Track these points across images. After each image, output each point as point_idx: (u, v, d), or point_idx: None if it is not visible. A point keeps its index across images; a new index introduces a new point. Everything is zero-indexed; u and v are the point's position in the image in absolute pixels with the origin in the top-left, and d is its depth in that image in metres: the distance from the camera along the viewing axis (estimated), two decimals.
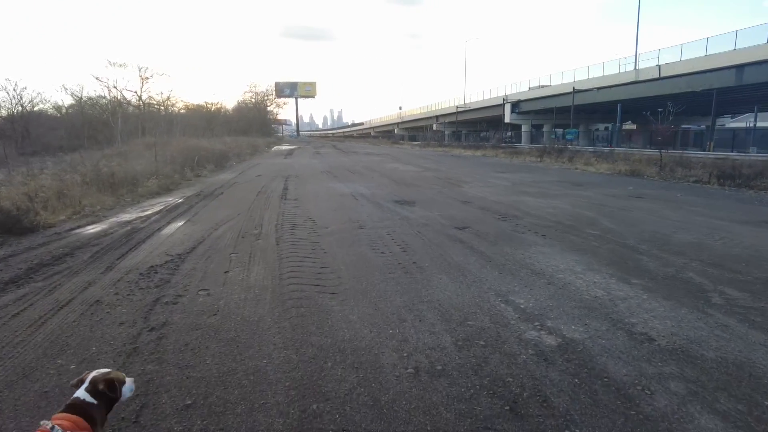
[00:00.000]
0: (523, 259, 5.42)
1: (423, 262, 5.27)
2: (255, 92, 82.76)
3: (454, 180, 14.71)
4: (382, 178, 15.27)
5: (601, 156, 24.88)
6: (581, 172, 17.99)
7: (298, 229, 7.18)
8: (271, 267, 5.18)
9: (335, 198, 10.73)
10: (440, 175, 16.60)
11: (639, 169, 16.49)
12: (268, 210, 9.12)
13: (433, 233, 6.82)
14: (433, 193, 11.56)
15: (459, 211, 8.83)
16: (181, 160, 16.75)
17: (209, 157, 20.22)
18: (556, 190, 12.17)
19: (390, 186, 13.07)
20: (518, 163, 23.86)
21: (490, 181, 14.48)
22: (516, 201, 10.06)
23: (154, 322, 3.72)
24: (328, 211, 8.85)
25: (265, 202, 10.22)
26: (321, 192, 11.85)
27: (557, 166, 21.09)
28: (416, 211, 8.75)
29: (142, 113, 42.27)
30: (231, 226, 7.59)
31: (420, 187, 12.68)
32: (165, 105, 44.51)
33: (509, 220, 7.88)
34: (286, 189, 12.52)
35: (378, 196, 10.98)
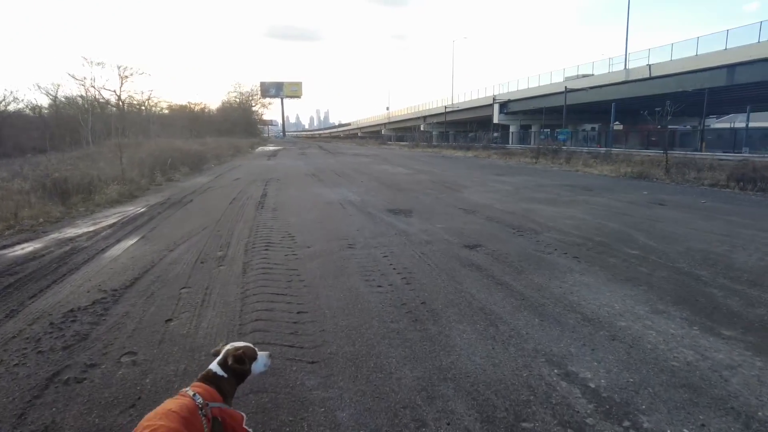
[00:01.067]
0: (563, 294, 4.17)
1: (434, 302, 3.98)
2: (240, 92, 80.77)
3: (451, 184, 13.47)
4: (372, 182, 13.97)
5: (597, 157, 23.87)
6: (584, 175, 16.88)
7: (274, 250, 5.84)
8: (230, 312, 3.85)
9: (320, 206, 9.39)
10: (435, 178, 15.35)
11: (645, 171, 15.43)
12: (241, 222, 7.76)
13: (440, 255, 5.53)
14: (430, 199, 10.28)
15: (464, 222, 7.56)
16: (151, 163, 15.24)
17: (185, 160, 18.71)
18: (565, 195, 10.98)
19: (381, 191, 11.77)
20: (514, 165, 22.74)
21: (491, 185, 13.26)
22: (527, 210, 8.83)
23: (29, 428, 2.37)
24: (312, 224, 7.51)
25: (239, 211, 8.84)
26: (304, 199, 10.50)
27: (556, 168, 19.99)
28: (415, 224, 7.46)
29: (121, 113, 40.40)
30: (192, 245, 6.23)
31: (415, 193, 11.40)
32: (146, 105, 42.71)
33: (527, 235, 6.63)
34: (264, 195, 11.14)
35: (369, 204, 9.68)
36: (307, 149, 45.17)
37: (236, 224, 7.60)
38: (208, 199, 10.71)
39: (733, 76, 32.67)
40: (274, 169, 19.88)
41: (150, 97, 40.25)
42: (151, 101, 40.99)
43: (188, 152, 19.88)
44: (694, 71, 34.96)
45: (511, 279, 4.60)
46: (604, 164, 19.76)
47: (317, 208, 9.22)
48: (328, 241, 6.32)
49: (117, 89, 37.86)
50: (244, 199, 10.46)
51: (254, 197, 10.82)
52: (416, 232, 6.85)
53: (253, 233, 6.86)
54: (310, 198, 10.64)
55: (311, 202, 9.95)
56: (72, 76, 51.87)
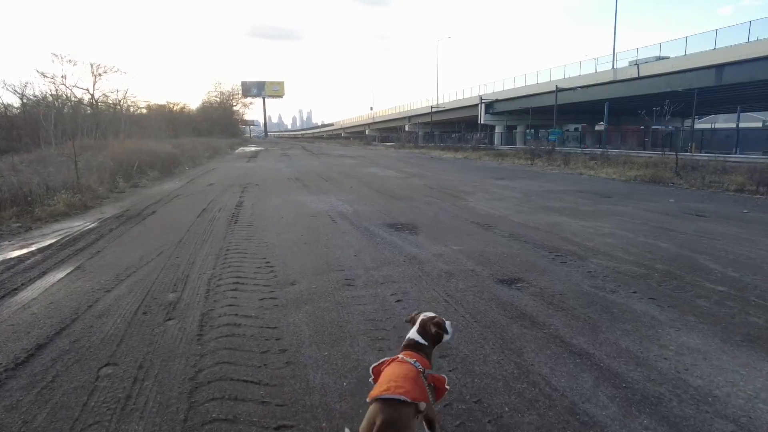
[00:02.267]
0: (676, 373, 2.78)
1: (493, 398, 2.54)
2: (220, 91, 78.24)
3: (451, 190, 12.09)
4: (362, 188, 12.51)
5: (595, 158, 22.82)
6: (589, 178, 15.68)
7: (245, 289, 4.35)
8: (166, 427, 2.35)
9: (305, 220, 7.90)
10: (430, 182, 13.96)
11: (658, 174, 14.28)
12: (208, 244, 6.22)
13: (472, 297, 4.11)
14: (433, 210, 8.87)
15: (485, 243, 6.15)
16: (114, 167, 13.52)
17: (154, 163, 16.97)
18: (584, 204, 9.69)
19: (375, 199, 10.31)
20: (510, 167, 21.51)
21: (495, 191, 11.92)
22: (551, 224, 7.48)
23: None
24: (296, 246, 6.02)
25: (207, 228, 7.29)
26: (287, 210, 8.99)
27: (556, 171, 18.79)
28: (424, 245, 6.03)
29: (95, 113, 38.04)
30: (139, 280, 4.70)
31: (413, 201, 9.97)
32: (121, 104, 40.34)
33: (570, 261, 5.25)
34: (240, 205, 9.58)
35: (363, 215, 8.22)
36: (290, 150, 43.44)
37: (201, 247, 6.07)
38: (173, 211, 9.11)
39: (722, 76, 32.17)
40: (253, 172, 18.25)
41: (125, 96, 37.83)
42: (126, 100, 38.60)
43: (159, 154, 18.13)
44: (683, 71, 34.46)
45: (588, 342, 3.20)
46: (606, 166, 18.65)
47: (302, 222, 7.72)
48: (318, 273, 4.84)
49: (90, 87, 35.47)
50: (215, 211, 8.90)
51: (228, 208, 9.27)
52: (430, 257, 5.42)
53: (220, 261, 5.35)
54: (293, 208, 9.13)
55: (295, 214, 8.44)
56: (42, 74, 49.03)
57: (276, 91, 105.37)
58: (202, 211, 8.96)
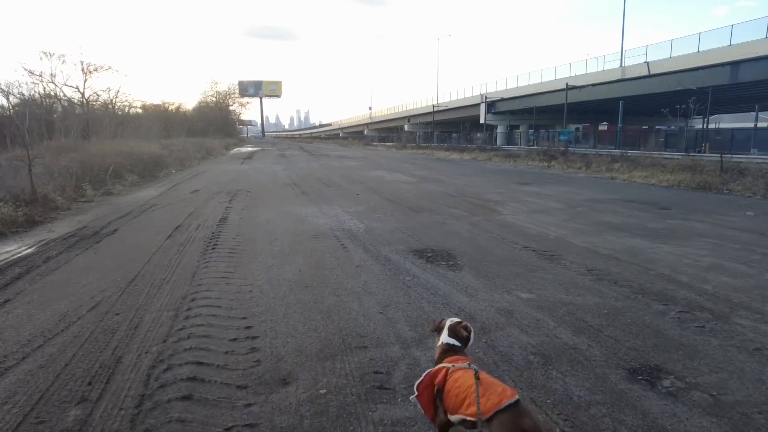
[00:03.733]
0: None
1: None
2: (217, 91, 76.26)
3: (475, 198, 10.28)
4: (371, 195, 10.69)
5: (617, 160, 21.00)
6: (625, 184, 13.89)
7: (204, 399, 2.53)
8: None
9: (305, 243, 6.08)
10: (448, 188, 12.16)
11: (706, 180, 12.50)
12: (168, 286, 4.40)
13: (609, 421, 2.30)
14: (465, 227, 7.06)
15: (562, 286, 4.34)
16: (81, 172, 11.67)
17: (135, 165, 15.12)
18: (647, 219, 7.90)
19: (389, 211, 8.50)
20: (528, 170, 19.71)
21: (527, 199, 10.12)
22: (628, 250, 5.68)
23: None
24: (292, 294, 4.19)
25: (175, 257, 5.47)
26: (282, 227, 7.16)
27: (581, 175, 17.01)
28: (476, 290, 4.22)
29: (85, 112, 36.09)
30: (34, 371, 2.87)
31: (437, 214, 8.16)
32: (112, 103, 38.32)
33: (714, 327, 3.43)
34: (224, 220, 7.75)
35: (380, 236, 6.41)
36: (287, 150, 41.61)
37: (158, 292, 4.24)
38: (140, 229, 7.27)
39: (737, 73, 30.63)
40: (246, 176, 16.41)
41: (117, 95, 35.78)
42: (118, 99, 36.55)
43: (141, 156, 16.27)
44: (695, 69, 32.87)
45: None
46: (633, 170, 16.86)
47: (301, 247, 5.90)
48: (326, 356, 3.00)
49: (80, 86, 33.42)
50: (191, 229, 7.06)
51: (209, 224, 7.44)
52: (494, 318, 3.60)
53: (178, 324, 3.52)
54: (290, 225, 7.30)
55: (292, 235, 6.62)
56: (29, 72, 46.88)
57: (273, 90, 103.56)
58: (175, 228, 7.13)
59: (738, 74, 30.51)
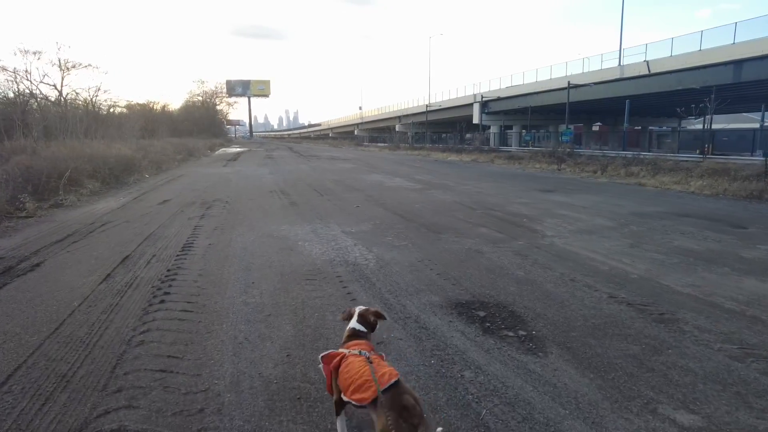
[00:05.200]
0: None
1: None
2: (204, 90, 73.80)
3: (501, 211, 8.53)
4: (374, 207, 8.90)
5: (630, 163, 19.41)
6: (659, 191, 12.25)
7: None
8: None
9: (294, 291, 4.25)
10: (462, 197, 10.40)
11: (756, 187, 10.89)
12: (64, 395, 2.56)
13: None
14: (512, 259, 5.29)
15: (737, 393, 2.60)
16: (21, 180, 9.70)
17: (98, 170, 13.13)
18: (736, 245, 6.21)
19: (401, 231, 6.71)
20: (540, 175, 18.05)
21: (564, 213, 8.39)
22: (763, 297, 3.97)
23: None
24: (272, 408, 2.39)
25: (100, 320, 3.61)
26: (261, 259, 5.32)
27: (603, 180, 15.36)
28: (598, 410, 2.45)
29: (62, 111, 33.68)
30: None
31: (466, 237, 6.38)
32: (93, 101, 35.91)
33: None
34: (188, 248, 5.88)
35: (399, 276, 4.61)
36: (275, 151, 39.60)
37: (41, 413, 2.41)
38: (72, 263, 5.39)
39: (741, 72, 29.38)
40: (226, 181, 14.50)
41: (96, 93, 33.40)
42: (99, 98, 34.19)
43: (108, 159, 14.26)
44: (696, 68, 31.54)
45: None
46: (658, 174, 15.29)
47: (289, 300, 4.07)
48: None
49: (58, 84, 31.02)
50: (141, 264, 5.20)
51: (166, 254, 5.58)
52: None
53: None
54: (273, 257, 5.46)
55: (276, 275, 4.78)
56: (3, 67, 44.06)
57: (261, 90, 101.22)
58: (121, 262, 5.27)
59: (741, 73, 29.29)
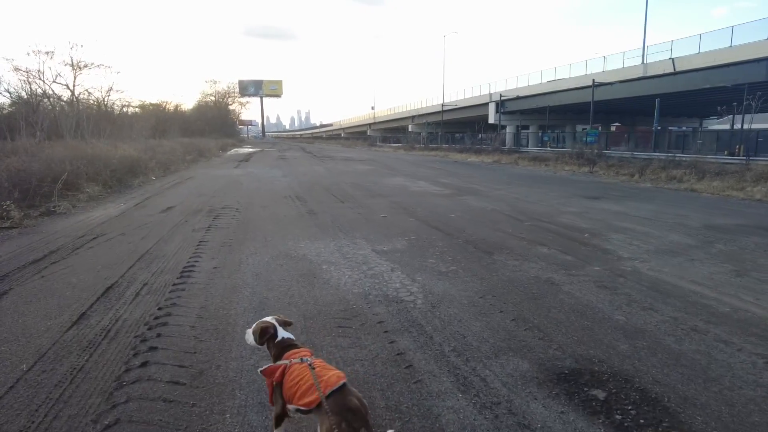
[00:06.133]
0: None
1: None
2: (216, 90, 73.34)
3: (552, 223, 7.34)
4: (403, 217, 7.76)
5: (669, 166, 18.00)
6: (720, 198, 10.93)
7: None
8: None
9: (323, 340, 3.13)
10: (500, 205, 9.23)
11: None
12: None
13: None
14: (599, 294, 4.12)
15: None
16: (7, 185, 8.72)
17: (100, 173, 12.17)
18: None
19: (446, 251, 5.55)
20: (574, 178, 16.77)
21: (623, 225, 7.17)
22: None
23: None
24: None
25: (45, 408, 2.54)
26: (278, 290, 4.19)
27: (647, 185, 14.06)
28: None
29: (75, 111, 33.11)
30: None
31: (527, 261, 5.21)
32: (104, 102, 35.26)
33: None
34: (188, 273, 4.76)
35: (461, 322, 3.46)
36: (288, 152, 38.67)
37: None
38: (43, 294, 4.31)
39: None
40: (237, 184, 13.46)
41: (109, 93, 32.68)
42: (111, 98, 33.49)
43: (111, 161, 13.30)
44: (725, 65, 29.84)
45: None
46: (708, 178, 13.93)
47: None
48: None
49: (70, 83, 30.32)
50: (127, 298, 4.11)
51: (161, 283, 4.48)
52: None
53: None
54: (293, 288, 4.33)
55: (297, 316, 3.64)
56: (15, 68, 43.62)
57: (274, 90, 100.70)
58: (102, 294, 4.19)
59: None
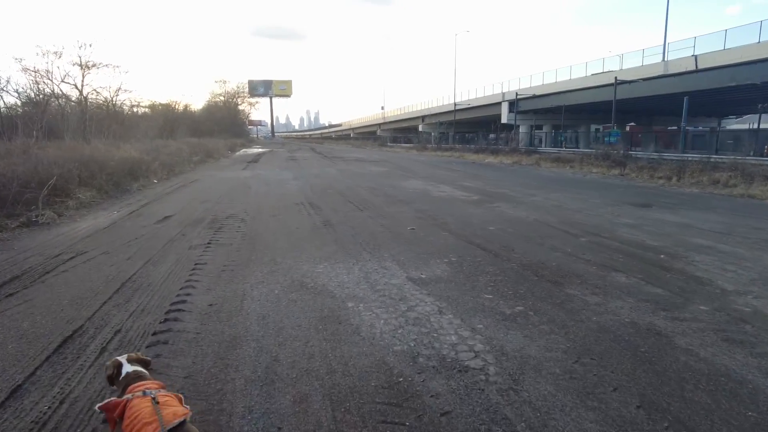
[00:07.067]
0: None
1: None
2: (225, 90, 72.81)
3: (615, 239, 6.15)
4: (435, 230, 6.62)
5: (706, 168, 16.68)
6: None
7: None
8: None
9: None
10: (543, 215, 8.06)
11: None
12: None
13: None
14: (732, 354, 2.96)
15: None
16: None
17: (95, 176, 11.18)
18: None
19: (499, 279, 4.42)
20: (608, 181, 15.52)
21: (700, 242, 5.96)
22: None
23: None
24: None
25: None
26: (290, 347, 3.06)
27: (693, 191, 12.78)
28: None
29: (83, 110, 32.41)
30: None
31: (605, 295, 4.06)
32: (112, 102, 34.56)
33: None
34: (173, 317, 3.65)
35: (574, 428, 2.34)
36: (297, 152, 37.68)
37: None
38: None
39: None
40: (245, 188, 12.40)
41: (117, 93, 31.94)
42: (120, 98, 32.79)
43: (108, 163, 12.31)
44: (752, 62, 28.32)
45: None
46: (758, 182, 12.66)
47: None
48: None
49: (78, 83, 29.56)
50: (89, 352, 3.00)
51: (138, 328, 3.38)
52: None
53: None
54: (312, 338, 3.21)
55: (324, 394, 2.51)
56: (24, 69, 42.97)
57: (283, 90, 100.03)
58: (56, 349, 3.13)
59: None
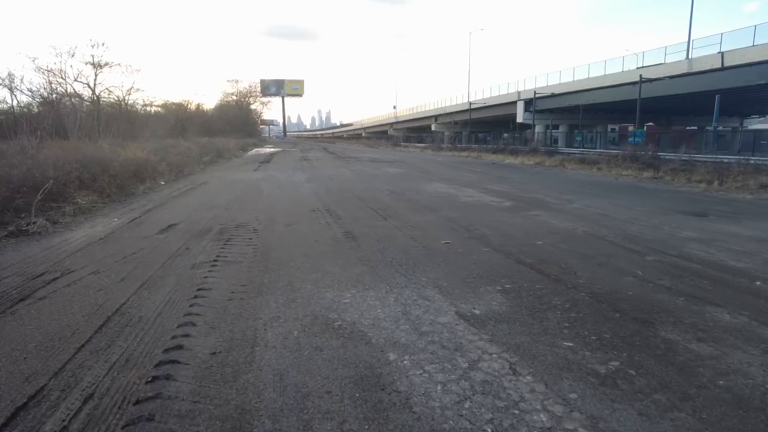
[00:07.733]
0: None
1: None
2: (238, 90, 72.71)
3: (686, 258, 5.19)
4: (473, 245, 5.71)
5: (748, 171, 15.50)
6: None
7: None
8: None
9: None
10: (590, 227, 7.10)
11: None
12: None
13: None
14: None
15: None
16: None
17: (96, 179, 10.43)
18: None
19: (571, 316, 3.50)
20: (644, 186, 14.46)
21: None
22: None
23: None
24: None
25: None
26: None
27: (746, 197, 11.70)
28: None
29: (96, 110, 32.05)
30: None
31: (716, 344, 3.12)
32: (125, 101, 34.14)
33: None
34: (165, 372, 2.79)
35: None
36: (310, 152, 36.92)
37: None
38: None
39: None
40: (257, 192, 11.58)
41: (129, 92, 31.51)
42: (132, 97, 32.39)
43: (111, 164, 11.57)
44: None
45: None
46: None
47: None
48: None
49: (91, 82, 29.16)
50: (48, 428, 2.18)
51: (117, 393, 2.53)
52: None
53: None
54: (348, 418, 2.37)
55: None
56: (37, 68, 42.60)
57: (295, 89, 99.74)
58: (1, 427, 2.26)
59: None
